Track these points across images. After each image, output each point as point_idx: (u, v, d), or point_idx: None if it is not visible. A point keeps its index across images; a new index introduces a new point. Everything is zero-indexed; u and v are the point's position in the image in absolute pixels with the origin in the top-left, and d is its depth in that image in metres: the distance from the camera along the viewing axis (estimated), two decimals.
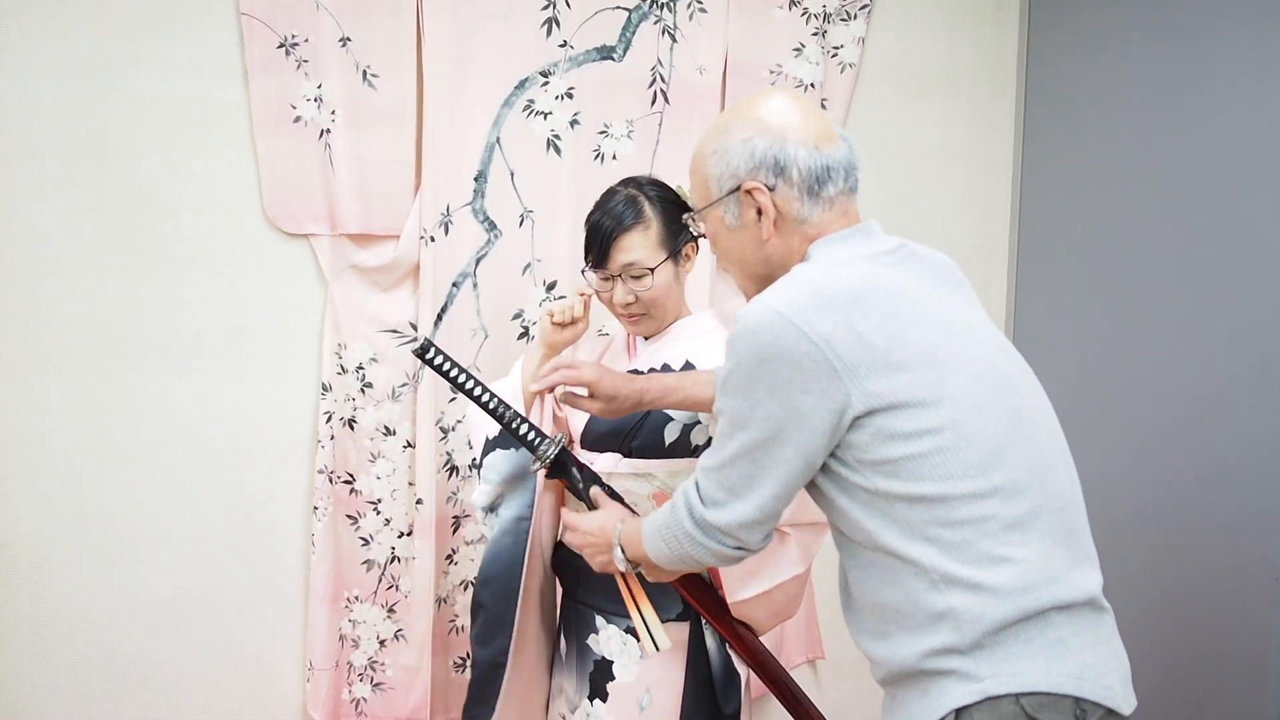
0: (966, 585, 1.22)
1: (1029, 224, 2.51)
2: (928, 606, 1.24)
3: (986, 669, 1.22)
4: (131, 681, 2.17)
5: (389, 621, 2.26)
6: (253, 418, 2.19)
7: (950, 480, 1.23)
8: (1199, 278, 2.04)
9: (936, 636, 1.24)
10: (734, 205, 1.37)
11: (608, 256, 1.78)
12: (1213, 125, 2.02)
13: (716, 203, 1.38)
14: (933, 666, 1.24)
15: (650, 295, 1.79)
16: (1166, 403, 2.11)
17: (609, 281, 1.81)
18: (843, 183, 1.37)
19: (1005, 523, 1.24)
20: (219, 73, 2.10)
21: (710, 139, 1.39)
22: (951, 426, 1.24)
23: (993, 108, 2.54)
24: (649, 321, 1.84)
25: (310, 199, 2.14)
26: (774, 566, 1.75)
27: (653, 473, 1.81)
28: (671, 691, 1.81)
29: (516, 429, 1.72)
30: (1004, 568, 1.22)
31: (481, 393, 1.71)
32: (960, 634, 1.22)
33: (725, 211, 1.38)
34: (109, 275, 2.09)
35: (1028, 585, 1.22)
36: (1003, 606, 1.21)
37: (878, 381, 1.23)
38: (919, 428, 1.23)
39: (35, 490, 2.09)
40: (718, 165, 1.37)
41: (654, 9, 2.26)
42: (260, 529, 2.21)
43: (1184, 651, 2.05)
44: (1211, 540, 2.00)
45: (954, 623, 1.22)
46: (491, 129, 2.20)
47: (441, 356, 1.69)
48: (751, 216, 1.36)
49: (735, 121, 1.37)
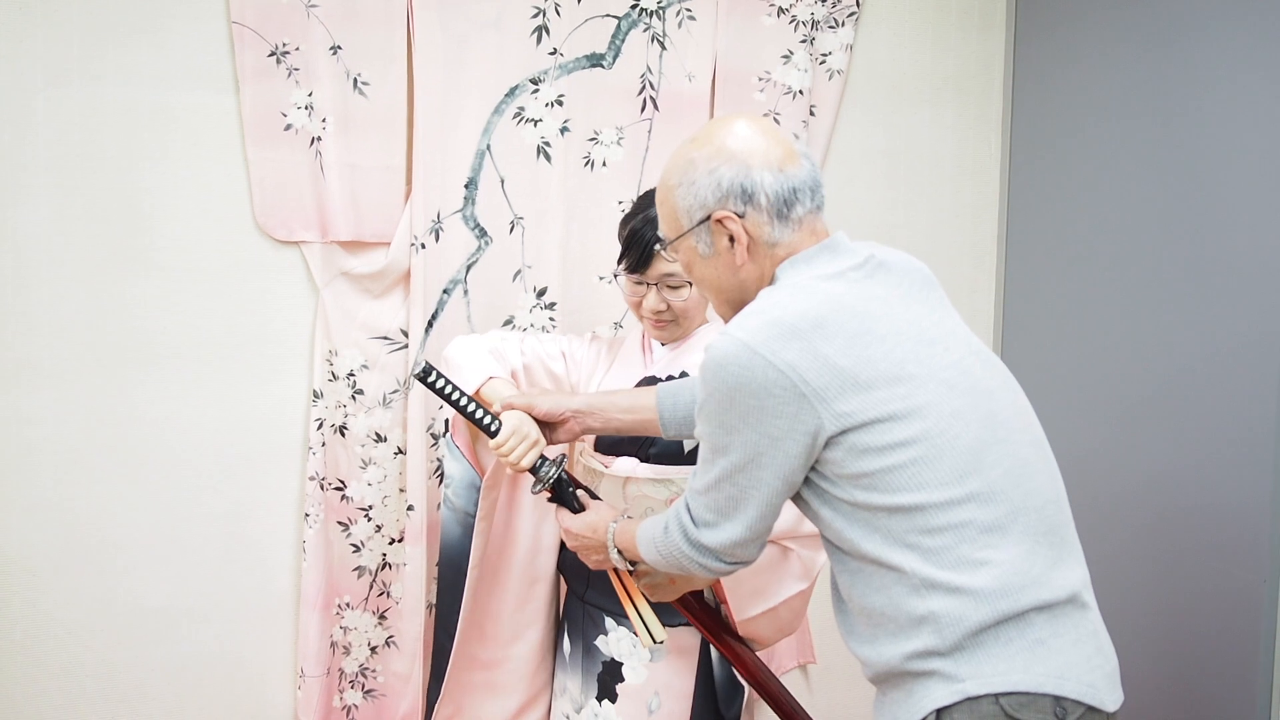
0: (947, 589, 1.25)
1: (1017, 230, 2.53)
2: (910, 611, 1.27)
3: (967, 670, 1.25)
4: (124, 689, 2.16)
5: (380, 628, 2.26)
6: (244, 425, 2.19)
7: (926, 489, 1.25)
8: (1186, 281, 2.05)
9: (919, 639, 1.27)
10: (705, 234, 1.38)
11: (648, 265, 1.78)
12: (1199, 131, 2.03)
13: (688, 233, 1.40)
14: (915, 668, 1.28)
15: (682, 305, 1.81)
16: (1153, 404, 2.12)
17: (641, 286, 1.82)
18: (810, 202, 1.38)
19: (983, 527, 1.26)
20: (210, 80, 2.11)
21: (675, 171, 1.40)
22: (924, 438, 1.26)
23: (980, 114, 2.56)
24: (675, 329, 1.86)
25: (301, 206, 2.15)
26: (778, 584, 1.78)
27: (671, 478, 1.82)
28: (680, 695, 1.83)
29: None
30: (983, 571, 1.25)
31: (481, 414, 1.74)
32: (941, 637, 1.25)
33: (698, 241, 1.40)
34: (99, 283, 2.09)
35: (1007, 588, 1.24)
36: (982, 609, 1.24)
37: (847, 402, 1.25)
38: (892, 441, 1.26)
39: (26, 498, 2.09)
40: (686, 197, 1.38)
41: (643, 17, 2.27)
42: (251, 536, 2.21)
43: (1171, 650, 2.06)
44: (1199, 540, 2.01)
45: (935, 626, 1.25)
46: (482, 136, 2.21)
47: (443, 380, 1.73)
48: (724, 244, 1.38)
49: (698, 152, 1.38)
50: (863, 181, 2.50)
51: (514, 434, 1.72)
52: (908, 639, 1.28)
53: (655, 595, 1.71)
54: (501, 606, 1.97)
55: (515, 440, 1.71)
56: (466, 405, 1.74)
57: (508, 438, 1.71)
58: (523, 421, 1.74)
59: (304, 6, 2.10)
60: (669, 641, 1.82)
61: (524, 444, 1.72)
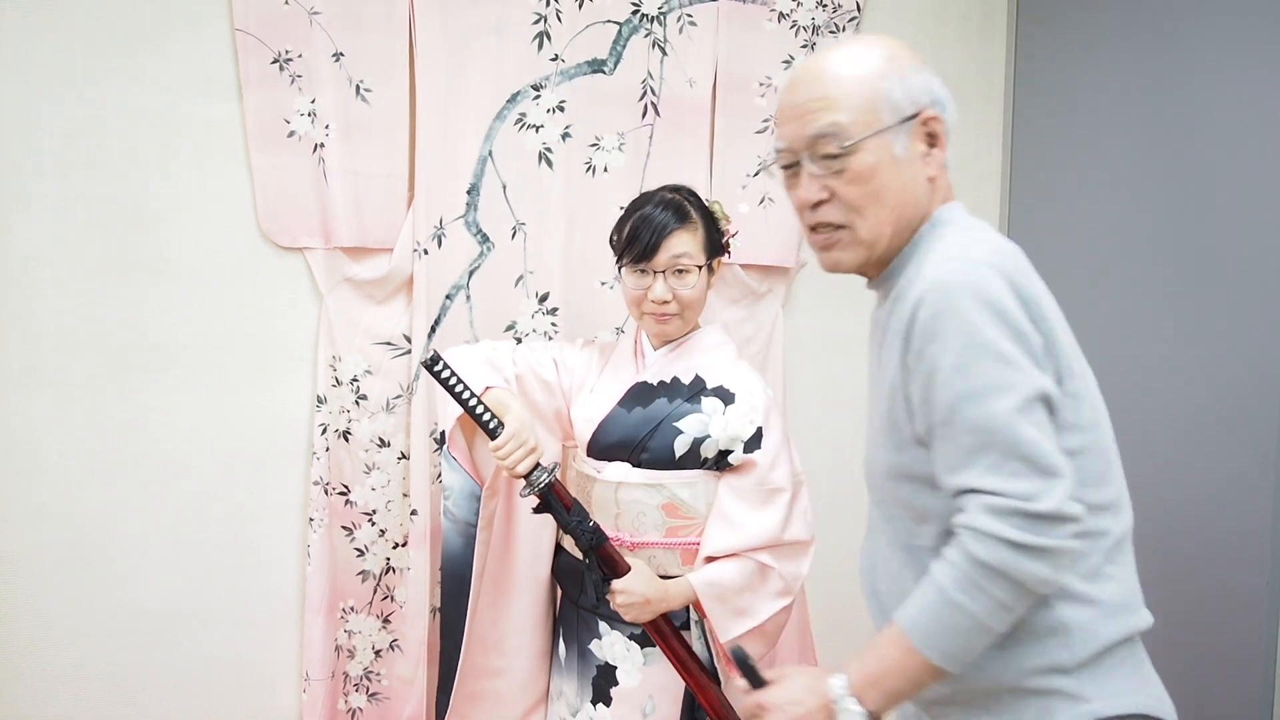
0: (1081, 600, 1.16)
1: (1017, 236, 2.53)
2: (1039, 618, 1.15)
3: (1091, 689, 1.15)
4: (128, 693, 2.17)
5: (384, 632, 2.27)
6: (248, 430, 2.20)
7: (1084, 486, 1.15)
8: (1189, 284, 2.06)
9: (1045, 653, 1.15)
10: (904, 135, 1.23)
11: (657, 250, 1.79)
12: (1201, 138, 2.04)
13: (889, 130, 1.22)
14: (1036, 685, 1.16)
15: (688, 295, 1.82)
16: (1158, 410, 2.12)
17: (645, 277, 1.82)
18: None
19: (1114, 538, 1.19)
20: (213, 88, 2.12)
21: (875, 63, 1.24)
22: (1092, 427, 1.17)
23: (980, 121, 2.56)
24: (678, 322, 1.86)
25: (304, 213, 2.16)
26: (761, 603, 1.79)
27: (663, 483, 1.82)
28: (675, 698, 1.83)
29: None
30: (1110, 585, 1.17)
31: (483, 412, 1.75)
32: (1071, 651, 1.15)
33: (894, 140, 1.23)
34: (104, 288, 2.10)
35: (1128, 605, 1.19)
36: (1111, 624, 1.16)
37: (1056, 361, 1.15)
38: (1074, 421, 1.16)
39: (31, 503, 2.10)
40: (896, 89, 1.22)
41: (644, 22, 2.28)
42: (255, 541, 2.22)
43: (1173, 653, 2.07)
44: (1201, 543, 2.02)
45: (1065, 639, 1.15)
46: (484, 142, 2.22)
47: (449, 371, 1.74)
48: (919, 149, 1.25)
49: (900, 52, 1.25)
50: None
51: (513, 438, 1.73)
52: (1033, 650, 1.16)
53: (629, 615, 1.72)
54: (506, 615, 1.97)
55: (514, 445, 1.73)
56: (469, 400, 1.74)
57: (507, 441, 1.72)
58: (523, 427, 1.75)
59: (307, 14, 2.10)
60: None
61: (522, 449, 1.73)
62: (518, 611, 1.97)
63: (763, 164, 2.29)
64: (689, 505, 1.82)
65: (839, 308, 2.49)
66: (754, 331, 2.41)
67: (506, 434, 1.73)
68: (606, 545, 1.77)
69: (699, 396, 1.83)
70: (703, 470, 1.82)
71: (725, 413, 1.81)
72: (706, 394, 1.83)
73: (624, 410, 1.86)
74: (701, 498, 1.83)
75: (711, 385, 1.84)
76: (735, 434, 1.81)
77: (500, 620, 1.97)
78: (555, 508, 1.77)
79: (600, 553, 1.77)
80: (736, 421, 1.81)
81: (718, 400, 1.82)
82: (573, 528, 1.76)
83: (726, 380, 1.85)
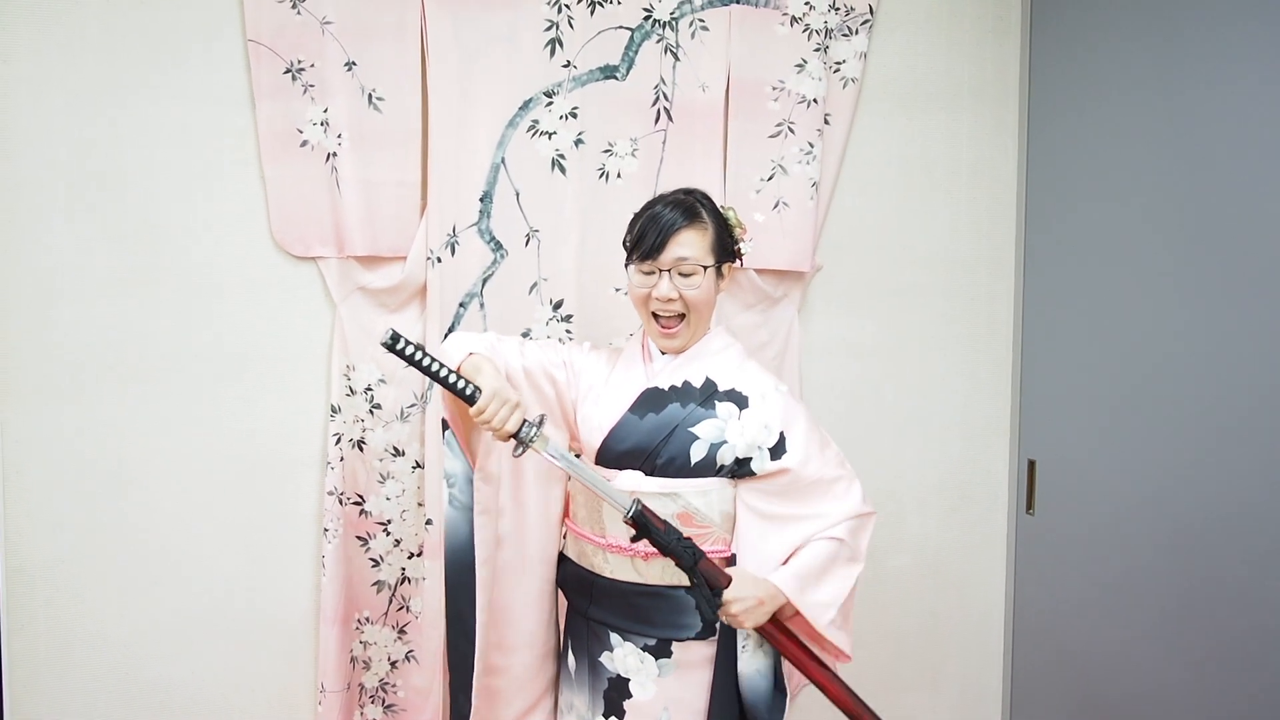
0: None
1: (1035, 237, 2.51)
2: None
3: None
4: (146, 703, 2.17)
5: (400, 643, 2.26)
6: (262, 440, 2.20)
7: None
8: (1206, 287, 2.03)
9: None
10: None
11: (663, 248, 1.77)
12: (1218, 134, 2.01)
13: None
14: None
15: (694, 296, 1.79)
16: (1174, 411, 2.10)
17: (652, 276, 1.80)
18: None
19: None
20: (226, 98, 2.12)
21: None
22: None
23: (997, 121, 2.54)
24: (684, 328, 1.83)
25: (317, 222, 2.16)
26: (838, 569, 1.79)
27: (678, 491, 1.79)
28: (691, 711, 1.80)
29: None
30: None
31: (456, 380, 1.70)
32: None
33: None
34: (119, 299, 2.11)
35: None
36: None
37: None
38: None
39: (49, 514, 2.10)
40: None
41: (656, 28, 2.27)
42: (270, 551, 2.22)
43: (1198, 647, 2.03)
44: (1222, 544, 1.99)
45: None
46: (496, 149, 2.21)
47: (412, 346, 1.67)
48: None
49: None
50: (878, 190, 2.48)
51: (494, 397, 1.66)
52: None
53: (749, 621, 1.71)
54: (513, 603, 1.92)
55: (497, 404, 1.66)
56: (440, 371, 1.68)
57: (489, 402, 1.66)
58: (501, 385, 1.69)
59: (318, 24, 2.11)
60: (677, 654, 1.80)
61: (506, 407, 1.67)
62: (530, 600, 1.92)
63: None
64: (703, 514, 1.79)
65: (855, 313, 2.47)
66: (769, 336, 2.39)
67: (486, 395, 1.66)
68: (705, 558, 1.73)
69: (712, 401, 1.80)
70: (718, 478, 1.80)
71: (741, 418, 1.79)
72: (720, 398, 1.81)
73: (635, 417, 1.82)
74: (715, 506, 1.80)
75: (724, 388, 1.82)
76: (754, 440, 1.78)
77: (509, 608, 1.91)
78: (652, 529, 1.70)
79: (701, 567, 1.71)
80: (753, 428, 1.78)
81: (732, 405, 1.80)
82: (673, 547, 1.70)
83: (738, 383, 1.83)
